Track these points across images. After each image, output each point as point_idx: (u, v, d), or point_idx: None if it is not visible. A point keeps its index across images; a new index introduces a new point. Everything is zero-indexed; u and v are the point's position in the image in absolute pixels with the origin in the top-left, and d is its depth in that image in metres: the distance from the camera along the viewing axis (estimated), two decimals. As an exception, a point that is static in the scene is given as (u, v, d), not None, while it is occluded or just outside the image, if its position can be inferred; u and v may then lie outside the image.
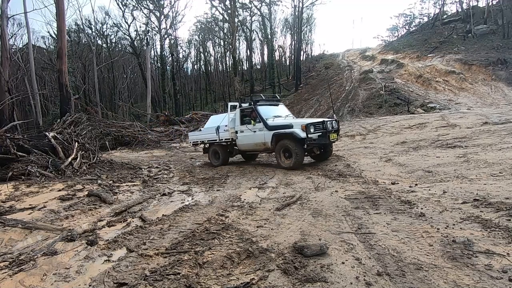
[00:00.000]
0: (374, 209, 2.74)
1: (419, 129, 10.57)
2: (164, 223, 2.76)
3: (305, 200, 3.34)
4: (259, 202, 3.50)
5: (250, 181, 4.97)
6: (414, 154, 5.74)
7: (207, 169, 6.62)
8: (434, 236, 2.05)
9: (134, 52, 28.44)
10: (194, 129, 16.08)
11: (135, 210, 3.30)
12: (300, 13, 28.19)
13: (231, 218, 2.80)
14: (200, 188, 4.57)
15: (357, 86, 22.10)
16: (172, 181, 5.57)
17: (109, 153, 11.70)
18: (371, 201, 2.99)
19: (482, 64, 22.03)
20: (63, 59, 13.40)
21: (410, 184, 3.64)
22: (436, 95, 19.48)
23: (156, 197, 4.04)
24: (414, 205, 2.75)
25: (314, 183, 4.35)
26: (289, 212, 2.91)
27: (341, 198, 3.25)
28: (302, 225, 2.48)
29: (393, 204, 2.84)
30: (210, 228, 2.45)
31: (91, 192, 4.11)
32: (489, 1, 30.45)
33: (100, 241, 2.42)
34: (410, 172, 4.30)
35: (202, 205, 3.47)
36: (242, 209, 3.14)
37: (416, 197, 3.03)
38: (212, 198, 3.82)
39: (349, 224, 2.42)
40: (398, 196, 3.12)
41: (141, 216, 3.06)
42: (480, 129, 8.21)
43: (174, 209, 3.30)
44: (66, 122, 8.09)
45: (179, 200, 3.83)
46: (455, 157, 4.83)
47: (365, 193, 3.40)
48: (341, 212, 2.75)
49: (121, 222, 2.93)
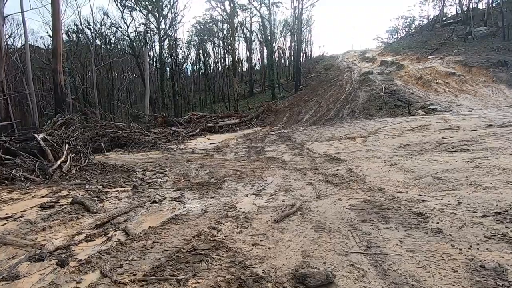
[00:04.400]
0: (383, 223, 2.46)
1: (422, 131, 10.32)
2: (149, 238, 2.46)
3: (306, 211, 3.06)
4: (256, 211, 3.21)
5: (247, 186, 4.68)
6: (420, 158, 5.47)
7: (203, 173, 6.33)
8: (457, 259, 1.76)
9: (133, 52, 28.17)
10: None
11: (119, 221, 3.00)
12: (299, 14, 28.03)
13: (223, 232, 2.51)
14: (193, 195, 4.28)
15: (357, 87, 21.89)
16: (165, 186, 5.27)
17: (105, 155, 11.34)
18: (379, 213, 2.71)
19: (482, 66, 21.89)
20: (58, 58, 13.09)
21: (420, 192, 3.37)
22: (437, 97, 19.31)
23: (145, 205, 3.74)
24: (428, 218, 2.47)
25: (315, 189, 4.07)
26: (288, 225, 2.62)
27: (346, 209, 2.96)
28: (303, 242, 2.20)
29: (404, 217, 2.55)
30: (198, 246, 2.16)
31: (75, 200, 3.81)
32: (489, 3, 30.36)
33: (73, 261, 2.12)
34: (417, 178, 4.03)
35: (193, 215, 3.17)
36: (237, 220, 2.85)
37: (429, 208, 2.74)
38: (205, 206, 3.52)
39: (357, 242, 2.14)
40: (408, 206, 2.84)
41: (125, 228, 2.77)
42: (486, 132, 7.96)
43: (163, 219, 3.01)
44: (57, 123, 7.77)
45: (169, 208, 3.53)
46: (465, 162, 4.56)
47: (371, 202, 3.12)
48: (346, 226, 2.46)
49: (101, 236, 2.63)
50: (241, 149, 9.99)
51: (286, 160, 7.10)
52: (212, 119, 18.39)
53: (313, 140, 10.55)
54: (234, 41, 28.87)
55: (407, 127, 11.41)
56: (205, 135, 15.39)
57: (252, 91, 32.19)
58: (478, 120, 10.92)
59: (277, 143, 10.48)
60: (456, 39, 27.81)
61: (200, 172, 6.44)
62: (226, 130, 16.90)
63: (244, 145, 10.85)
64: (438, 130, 9.72)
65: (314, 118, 17.15)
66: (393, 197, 3.29)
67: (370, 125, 12.77)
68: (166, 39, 30.63)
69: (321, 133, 11.96)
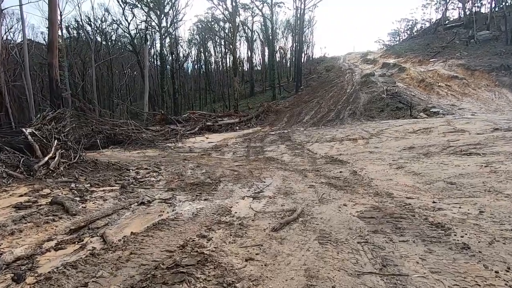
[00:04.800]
0: (398, 235, 2.14)
1: (425, 134, 10.04)
2: (127, 247, 2.13)
3: (308, 217, 2.74)
4: (252, 217, 2.89)
5: (244, 188, 4.36)
6: (428, 161, 5.16)
7: (199, 172, 6.01)
8: (495, 284, 1.45)
9: (133, 50, 27.84)
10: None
11: (99, 226, 2.67)
12: (301, 15, 27.78)
13: (214, 242, 2.18)
14: (186, 196, 3.95)
15: (358, 89, 21.66)
16: (158, 185, 4.95)
17: (100, 152, 11.03)
18: (391, 222, 2.39)
19: (485, 70, 21.72)
20: (54, 52, 12.75)
21: (433, 199, 3.05)
22: (439, 100, 19.10)
23: (132, 207, 3.41)
24: (449, 230, 2.15)
25: (317, 193, 3.75)
26: (288, 235, 2.30)
27: (353, 217, 2.64)
28: (306, 257, 1.88)
29: (422, 228, 2.23)
30: (181, 261, 1.83)
31: (54, 200, 3.47)
32: (492, 7, 30.20)
33: (31, 275, 1.79)
34: (428, 183, 3.71)
35: (183, 219, 2.85)
36: (231, 227, 2.53)
37: (447, 217, 2.43)
38: (197, 210, 3.19)
39: (370, 258, 1.82)
40: (423, 215, 2.52)
41: (103, 234, 2.44)
42: (493, 136, 7.67)
43: (148, 224, 2.68)
44: (47, 117, 7.40)
45: (157, 211, 3.21)
46: (478, 166, 4.25)
47: (380, 209, 2.80)
48: (356, 238, 2.14)
49: (74, 243, 2.30)
50: (240, 149, 9.69)
51: (286, 160, 6.79)
52: (212, 118, 18.11)
53: (314, 141, 10.25)
54: (235, 40, 28.58)
55: (410, 129, 11.14)
56: (204, 134, 15.12)
57: (253, 91, 31.92)
58: (483, 124, 10.66)
59: (277, 143, 10.18)
60: (459, 43, 27.64)
61: (196, 172, 6.12)
62: (225, 129, 16.62)
63: (243, 145, 10.55)
64: (443, 133, 9.44)
65: (314, 119, 16.87)
66: (404, 203, 2.97)
67: (371, 127, 12.50)
68: (167, 37, 30.35)
69: (321, 134, 11.67)
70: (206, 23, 32.85)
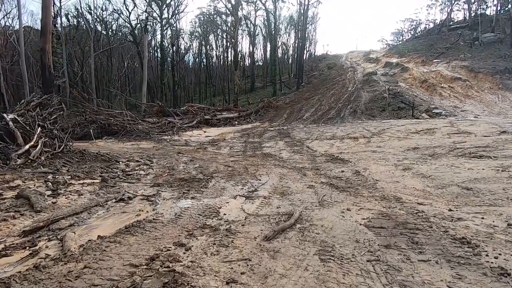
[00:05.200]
0: (416, 251, 1.76)
1: (428, 134, 9.72)
2: (83, 257, 1.74)
3: (307, 224, 2.36)
4: (242, 221, 2.52)
5: (237, 185, 3.98)
6: (436, 163, 4.80)
7: (192, 167, 5.63)
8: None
9: (134, 40, 27.15)
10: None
11: (62, 226, 2.28)
12: (305, 11, 27.18)
13: (192, 253, 1.80)
14: (171, 193, 3.56)
15: (360, 87, 21.27)
16: (145, 180, 4.56)
17: (93, 142, 10.65)
18: (406, 235, 2.02)
19: (489, 73, 21.41)
20: (47, 37, 12.20)
21: (448, 206, 2.69)
22: (441, 101, 18.80)
23: (108, 203, 3.02)
24: (477, 247, 1.78)
25: (317, 194, 3.38)
26: (283, 246, 1.92)
27: (360, 225, 2.27)
28: (305, 280, 1.50)
29: (443, 244, 1.86)
30: (142, 283, 1.44)
31: (20, 193, 3.08)
32: (498, 10, 29.71)
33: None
34: (440, 187, 3.35)
35: (162, 221, 2.46)
36: (216, 234, 2.15)
37: (470, 230, 2.06)
38: (181, 210, 2.81)
39: (384, 284, 1.45)
40: (442, 226, 2.16)
41: (63, 238, 2.05)
42: (501, 139, 7.34)
43: (120, 226, 2.30)
44: (31, 103, 6.92)
45: (135, 210, 2.82)
46: (494, 171, 3.89)
47: (390, 217, 2.43)
48: (364, 254, 1.77)
49: (25, 248, 1.91)
50: (237, 144, 9.32)
51: (284, 157, 6.41)
52: (210, 112, 17.68)
53: (314, 138, 9.90)
54: (237, 34, 27.94)
55: (413, 129, 10.83)
56: (201, 127, 14.75)
57: (253, 86, 31.41)
58: (488, 126, 10.37)
59: (276, 140, 9.81)
60: (463, 44, 27.23)
61: (189, 166, 5.73)
62: (224, 123, 16.24)
63: (241, 140, 10.18)
64: (447, 134, 9.12)
65: (315, 116, 16.49)
66: (416, 210, 2.60)
67: (373, 126, 12.16)
68: (168, 29, 29.64)
69: (322, 132, 11.31)
70: (208, 16, 32.14)
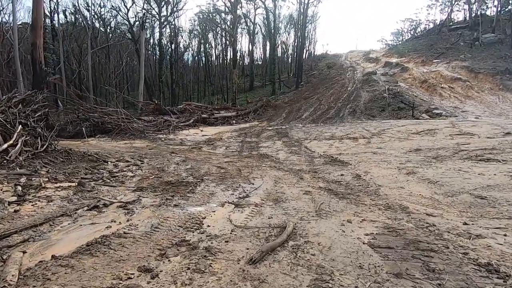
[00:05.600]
0: (434, 284, 1.53)
1: (430, 135, 9.56)
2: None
3: (302, 240, 2.15)
4: (227, 235, 2.31)
5: (227, 191, 3.77)
6: (442, 167, 4.61)
7: (183, 168, 5.42)
8: None
9: (132, 38, 26.85)
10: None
11: (11, 243, 2.02)
12: (305, 9, 26.99)
13: (158, 283, 1.53)
14: (153, 199, 3.32)
15: (359, 87, 21.11)
16: (129, 182, 4.34)
17: (85, 140, 10.45)
18: (419, 258, 1.78)
19: (489, 73, 21.31)
20: (38, 32, 11.94)
21: (462, 218, 2.47)
22: (441, 101, 18.68)
23: (78, 212, 2.79)
24: (507, 277, 1.56)
25: (314, 202, 3.17)
26: (271, 272, 1.70)
27: (363, 244, 2.05)
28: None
29: (465, 271, 1.61)
30: None
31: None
32: (498, 10, 29.58)
33: None
34: (450, 195, 3.14)
35: (133, 236, 2.24)
36: (193, 254, 1.92)
37: (494, 252, 1.84)
38: (159, 221, 2.59)
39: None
40: (460, 246, 1.92)
41: (7, 258, 1.78)
42: (507, 140, 7.19)
43: (82, 243, 2.07)
44: (13, 99, 6.59)
45: (107, 221, 2.59)
46: (507, 176, 3.68)
47: (398, 232, 2.21)
48: (370, 286, 1.55)
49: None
50: (233, 143, 9.12)
51: (281, 158, 6.23)
52: (208, 110, 17.46)
53: (312, 138, 9.71)
54: (236, 32, 27.69)
55: (413, 130, 10.67)
56: (198, 126, 14.55)
57: (252, 85, 31.19)
58: (490, 127, 10.22)
59: (273, 139, 9.62)
60: (463, 45, 27.11)
61: (180, 167, 5.53)
62: (221, 122, 16.03)
63: (238, 139, 9.98)
64: (449, 135, 8.96)
65: (314, 116, 16.31)
66: (426, 223, 2.39)
67: (372, 126, 12.00)
68: (167, 26, 29.35)
69: (320, 131, 11.13)
70: (207, 14, 31.85)
